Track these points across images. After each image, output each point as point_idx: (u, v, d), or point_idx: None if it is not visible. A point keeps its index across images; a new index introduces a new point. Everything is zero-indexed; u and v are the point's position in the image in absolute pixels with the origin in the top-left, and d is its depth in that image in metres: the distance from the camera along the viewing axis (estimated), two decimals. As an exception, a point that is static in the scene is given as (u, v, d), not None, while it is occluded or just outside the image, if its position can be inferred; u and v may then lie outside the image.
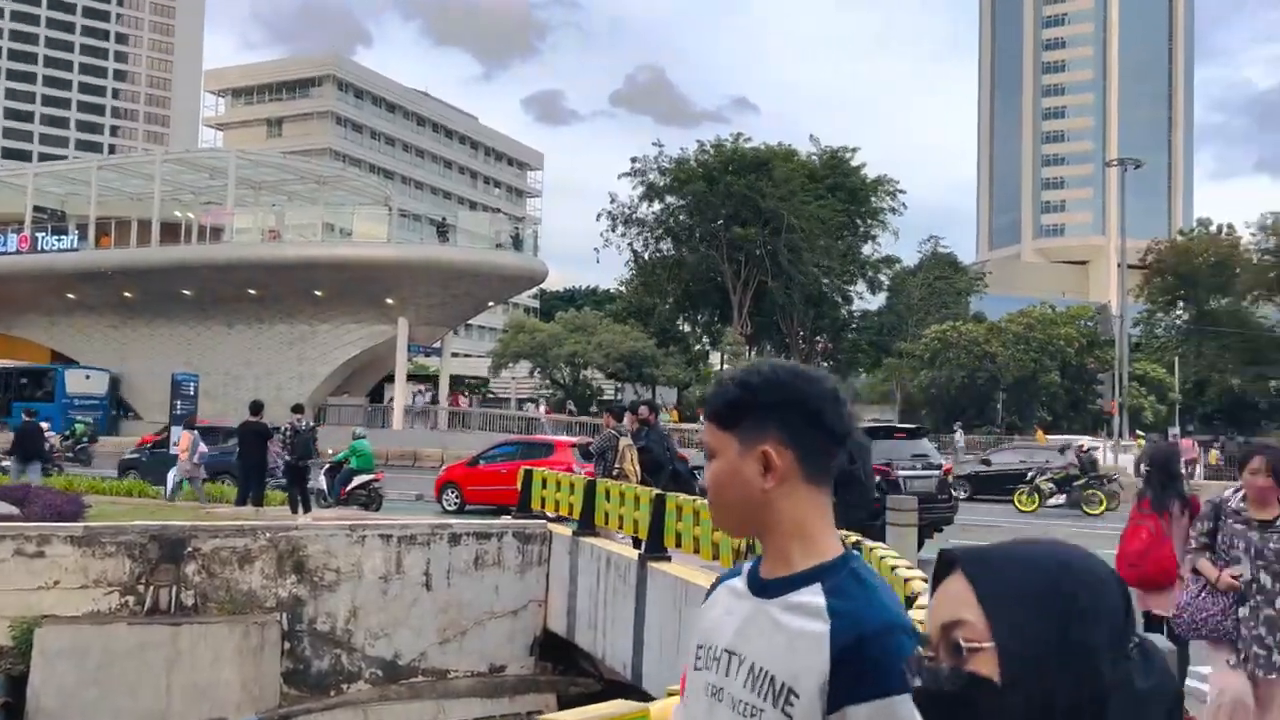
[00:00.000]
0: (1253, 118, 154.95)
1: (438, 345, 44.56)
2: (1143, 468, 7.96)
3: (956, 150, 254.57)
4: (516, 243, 41.47)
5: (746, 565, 1.52)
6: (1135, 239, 54.55)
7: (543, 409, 41.51)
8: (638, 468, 11.61)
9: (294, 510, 14.49)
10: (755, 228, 49.76)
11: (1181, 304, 61.99)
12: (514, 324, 51.75)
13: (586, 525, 10.05)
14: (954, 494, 16.11)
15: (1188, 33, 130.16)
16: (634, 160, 53.13)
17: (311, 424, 16.45)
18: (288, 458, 14.91)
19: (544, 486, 11.54)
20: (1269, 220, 59.84)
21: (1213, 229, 63.10)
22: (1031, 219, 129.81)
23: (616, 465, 11.56)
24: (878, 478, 14.15)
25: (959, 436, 41.82)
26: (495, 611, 10.76)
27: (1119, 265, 42.34)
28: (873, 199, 56.34)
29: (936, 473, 14.97)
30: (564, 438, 25.05)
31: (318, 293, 38.18)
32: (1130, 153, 50.91)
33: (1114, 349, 40.61)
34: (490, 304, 47.73)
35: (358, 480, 17.39)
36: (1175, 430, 45.86)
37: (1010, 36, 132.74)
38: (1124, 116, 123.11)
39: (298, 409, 15.96)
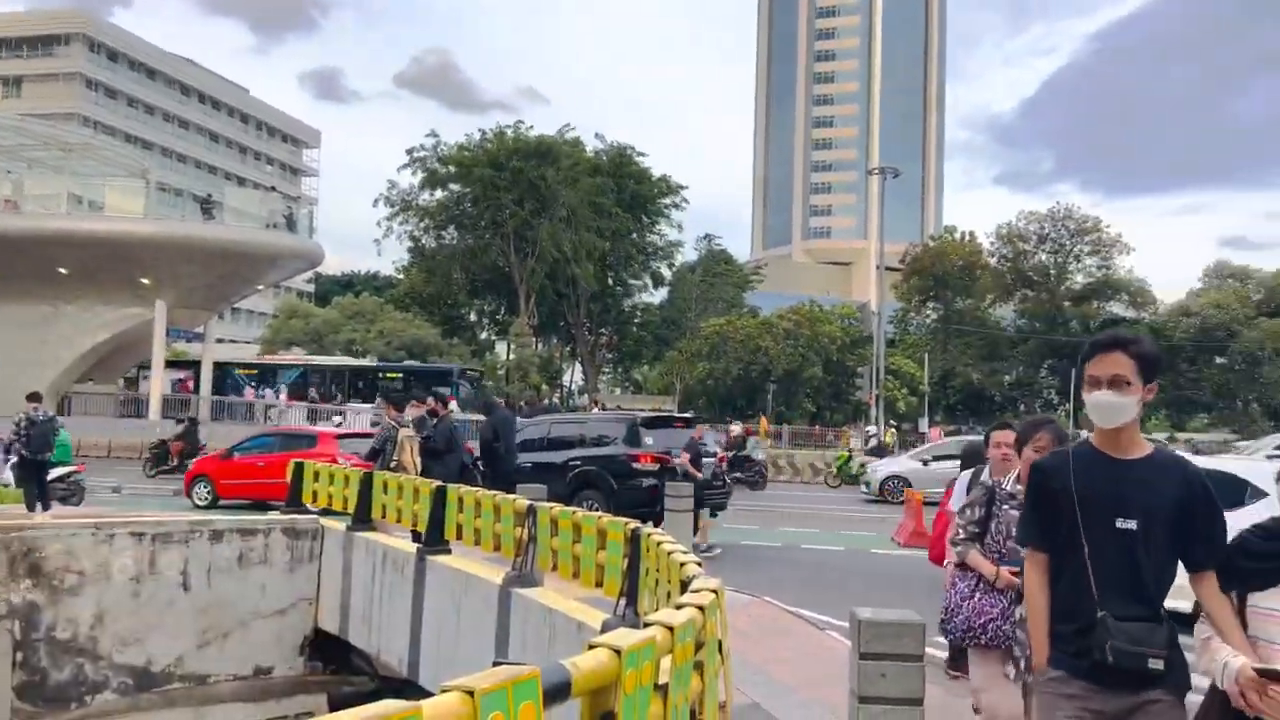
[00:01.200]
0: (993, 135, 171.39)
1: (200, 330, 41.77)
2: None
3: (736, 152, 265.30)
4: (290, 223, 39.48)
5: None
6: (893, 243, 58.94)
7: (283, 396, 39.26)
8: (417, 460, 11.35)
9: (30, 508, 13.21)
10: (535, 212, 49.82)
11: (932, 304, 67.37)
12: (286, 309, 49.29)
13: (362, 519, 9.72)
14: (728, 481, 16.77)
15: (940, 54, 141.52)
16: (410, 152, 51.94)
17: (50, 414, 15.01)
18: (23, 451, 13.56)
19: (316, 479, 11.04)
20: (1004, 230, 66.13)
21: (958, 235, 69.00)
22: (801, 221, 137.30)
23: (394, 457, 11.26)
24: (657, 465, 14.59)
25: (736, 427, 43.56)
26: (261, 611, 10.20)
27: (878, 267, 45.50)
28: (656, 197, 57.66)
29: (712, 460, 15.57)
30: (327, 428, 24.22)
31: (62, 270, 34.77)
32: (890, 162, 54.75)
33: (873, 345, 43.63)
34: (259, 287, 45.21)
35: (56, 473, 15.15)
36: (925, 420, 49.86)
37: (786, 45, 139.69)
38: (885, 128, 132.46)
39: (34, 397, 14.51)
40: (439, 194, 53.19)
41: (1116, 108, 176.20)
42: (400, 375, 38.60)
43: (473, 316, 58.07)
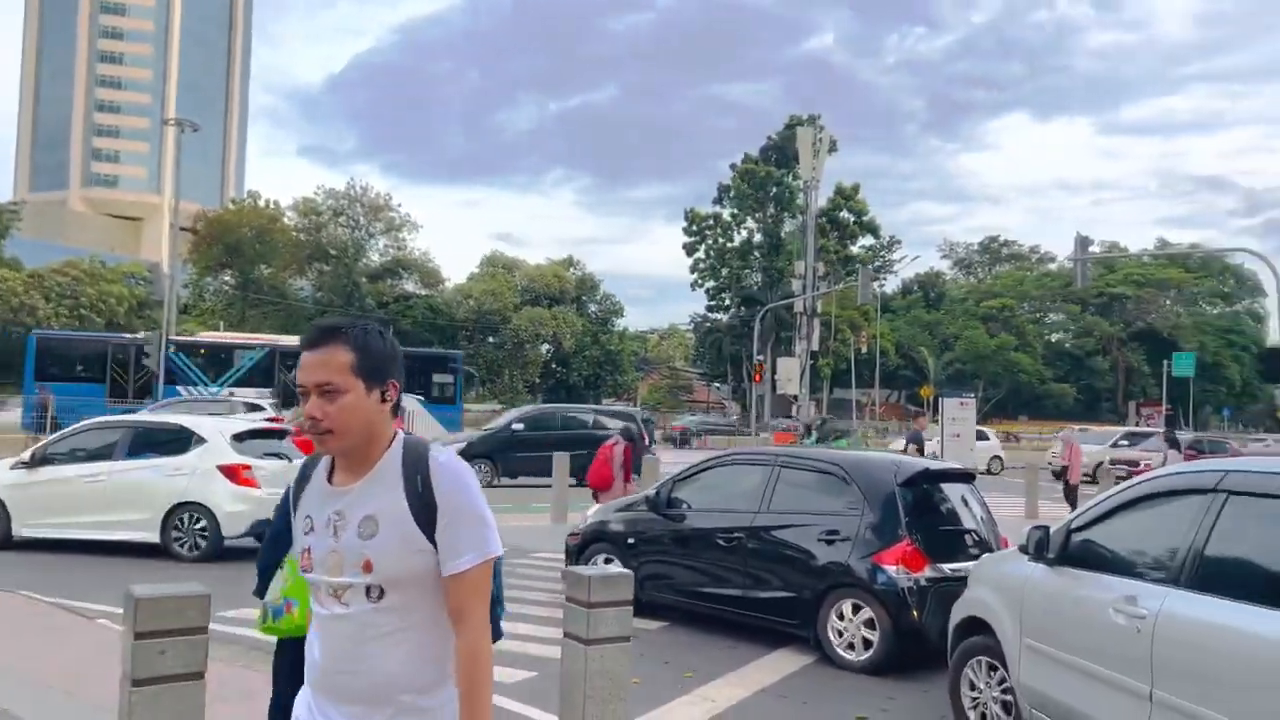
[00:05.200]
0: (299, 106, 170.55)
1: None
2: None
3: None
4: None
5: None
6: (192, 202, 55.42)
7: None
8: None
9: None
10: None
11: (230, 271, 64.98)
12: None
13: None
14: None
15: (247, 12, 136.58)
16: None
17: None
18: None
19: None
20: (304, 203, 66.66)
21: (262, 202, 67.62)
22: (81, 164, 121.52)
23: None
24: None
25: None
26: None
27: (171, 226, 42.42)
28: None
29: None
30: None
31: None
32: (190, 116, 51.30)
33: (164, 310, 40.56)
34: None
35: None
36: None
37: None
38: (185, 79, 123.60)
39: None
40: None
41: (415, 99, 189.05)
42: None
43: None
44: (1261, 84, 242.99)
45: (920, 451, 18.38)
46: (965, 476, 8.61)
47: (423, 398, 33.56)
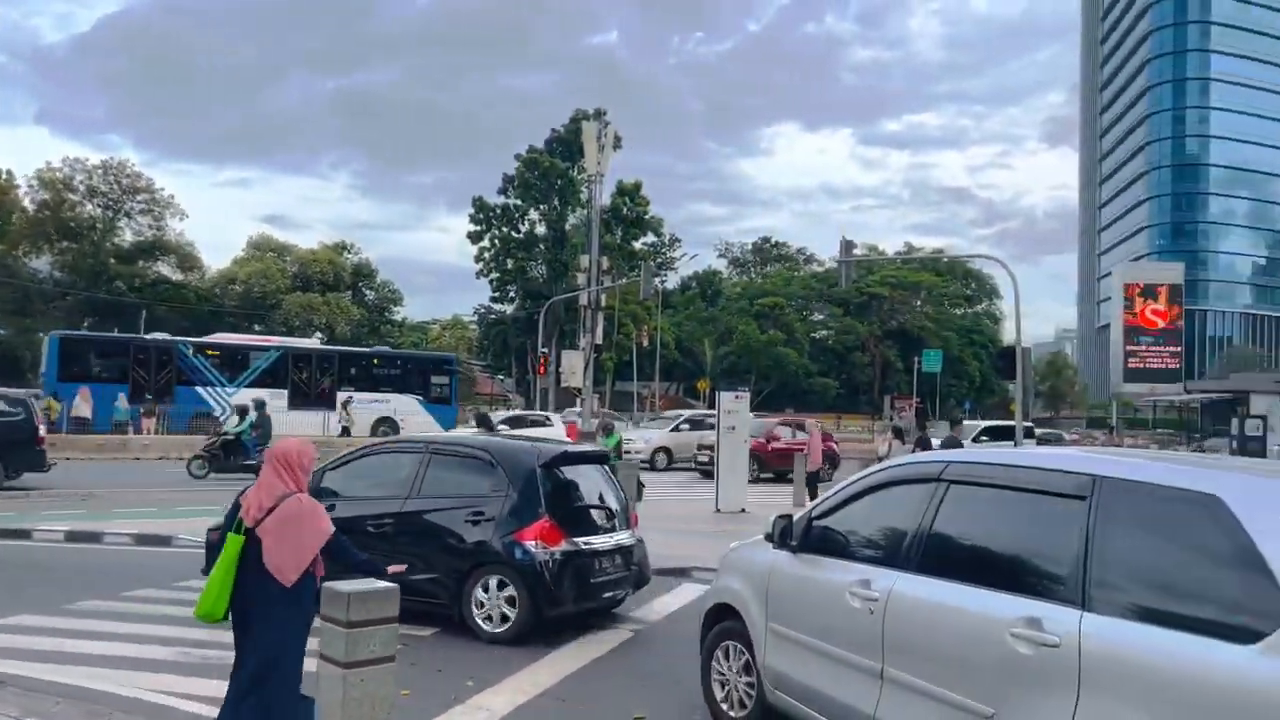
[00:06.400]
0: (37, 67, 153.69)
1: None
2: None
3: None
4: None
5: None
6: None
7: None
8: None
9: None
10: None
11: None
12: None
13: None
14: None
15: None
16: None
17: None
18: None
19: None
20: (47, 175, 60.40)
21: (-6, 172, 60.66)
22: None
23: None
24: None
25: None
26: None
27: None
28: None
29: None
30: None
31: None
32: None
33: None
34: None
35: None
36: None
37: None
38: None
39: None
40: None
41: (176, 67, 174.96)
42: (398, 362, 38.57)
43: None
44: (1000, 106, 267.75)
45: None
46: (600, 458, 9.20)
47: (422, 398, 36.15)
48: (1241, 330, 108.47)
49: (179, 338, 35.27)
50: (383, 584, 3.83)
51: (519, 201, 69.84)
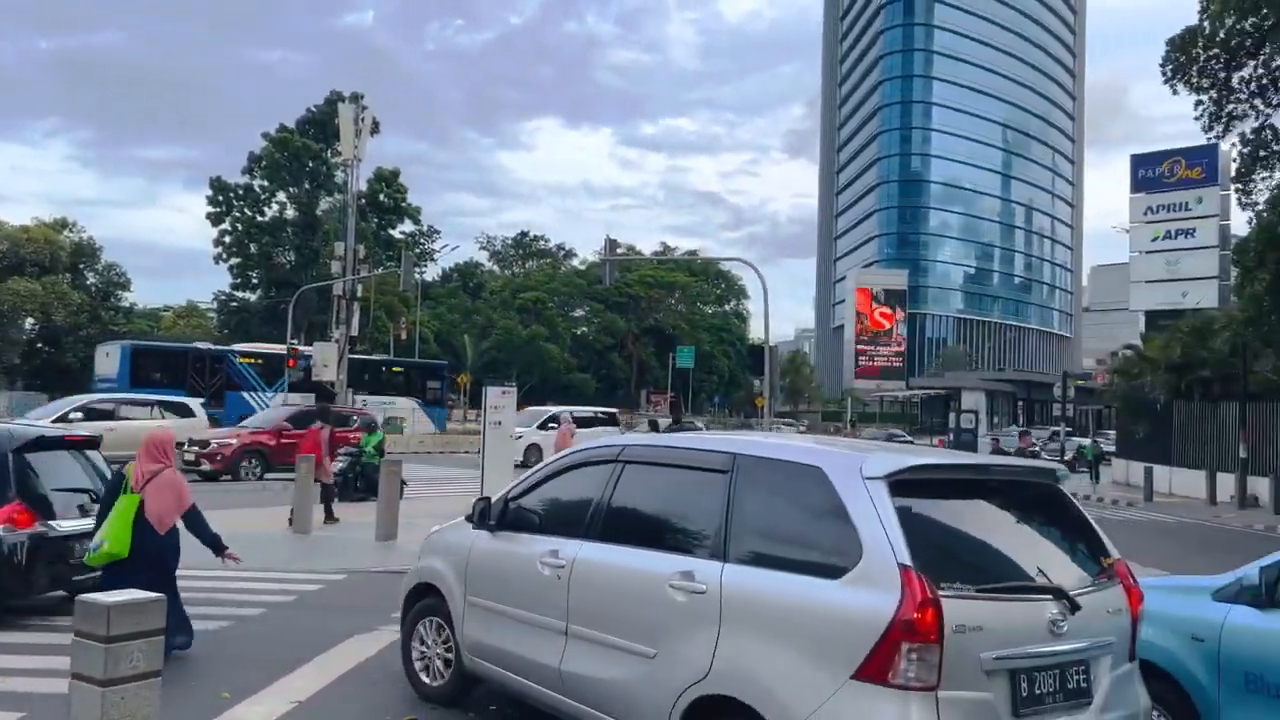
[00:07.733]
0: None
1: None
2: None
3: None
4: None
5: None
6: None
7: None
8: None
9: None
10: None
11: None
12: None
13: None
14: None
15: None
16: None
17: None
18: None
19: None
20: None
21: None
22: None
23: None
24: None
25: None
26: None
27: None
28: None
29: None
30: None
31: None
32: None
33: None
34: None
35: None
36: None
37: None
38: None
39: None
40: None
41: None
42: (400, 369, 42.79)
43: None
44: (749, 116, 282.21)
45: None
46: (89, 443, 9.10)
47: (420, 401, 40.14)
48: (954, 333, 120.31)
49: (224, 346, 38.51)
50: (148, 595, 3.54)
51: (265, 183, 65.99)
